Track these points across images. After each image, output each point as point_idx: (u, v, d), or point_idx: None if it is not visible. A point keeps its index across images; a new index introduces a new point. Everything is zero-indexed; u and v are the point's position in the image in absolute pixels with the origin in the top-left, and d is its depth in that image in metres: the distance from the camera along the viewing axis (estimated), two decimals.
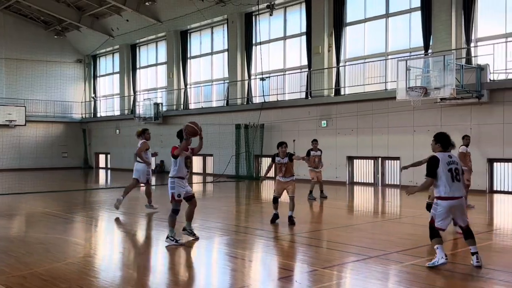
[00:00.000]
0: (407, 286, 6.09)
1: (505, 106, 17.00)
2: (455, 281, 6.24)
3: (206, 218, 11.66)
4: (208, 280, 6.71)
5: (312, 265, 7.10)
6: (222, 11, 26.97)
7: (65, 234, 9.79)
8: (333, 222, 11.45)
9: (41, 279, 6.31)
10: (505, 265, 7.11)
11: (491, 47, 17.51)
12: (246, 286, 6.16)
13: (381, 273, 6.74)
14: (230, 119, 26.26)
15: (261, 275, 6.93)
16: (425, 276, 6.45)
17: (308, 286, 6.08)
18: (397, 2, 20.77)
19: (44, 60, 36.91)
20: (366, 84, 21.20)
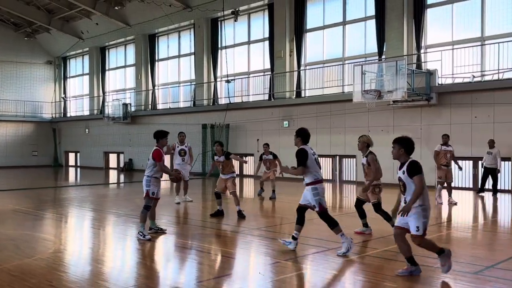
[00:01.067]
0: (363, 276, 6.18)
1: (452, 108, 17.45)
2: None
3: (174, 214, 11.54)
4: (175, 274, 6.64)
5: (274, 258, 7.12)
6: (189, 16, 26.78)
7: (35, 231, 9.52)
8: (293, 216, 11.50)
9: (10, 275, 6.11)
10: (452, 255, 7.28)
11: (439, 53, 17.94)
12: (212, 279, 6.12)
13: (339, 264, 6.81)
14: (196, 119, 26.10)
15: (226, 267, 6.90)
16: (379, 266, 6.55)
17: (271, 278, 6.09)
18: (353, 10, 21.04)
19: (14, 61, 35.93)
20: (325, 87, 21.41)
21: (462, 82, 17.29)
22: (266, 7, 23.79)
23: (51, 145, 37.03)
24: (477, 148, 16.92)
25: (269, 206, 13.33)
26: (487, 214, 12.69)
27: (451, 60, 17.81)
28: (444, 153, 13.17)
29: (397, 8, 18.92)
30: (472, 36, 17.72)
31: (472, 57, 17.37)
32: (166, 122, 28.19)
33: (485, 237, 9.21)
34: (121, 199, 15.47)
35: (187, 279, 6.25)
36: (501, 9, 17.13)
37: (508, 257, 7.10)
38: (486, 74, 17.08)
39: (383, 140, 19.06)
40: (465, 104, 17.10)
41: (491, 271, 6.27)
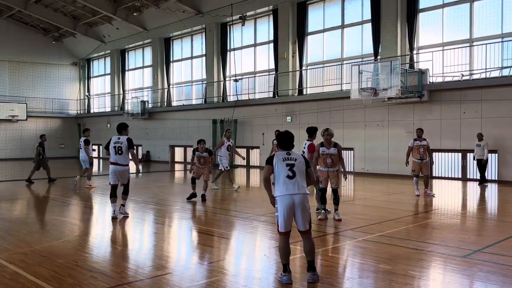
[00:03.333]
0: (360, 258, 6.12)
1: (442, 105, 17.29)
2: (401, 253, 6.29)
3: (187, 201, 11.53)
4: (188, 255, 6.62)
5: (278, 241, 7.06)
6: (201, 21, 26.71)
7: (63, 216, 9.53)
8: None
9: (40, 255, 6.12)
10: (442, 240, 7.22)
11: (431, 54, 17.78)
12: (222, 260, 6.09)
13: (338, 247, 6.76)
14: (207, 115, 26.06)
15: (234, 250, 6.88)
16: (375, 250, 6.50)
17: (275, 259, 6.05)
18: (351, 15, 20.86)
19: (43, 63, 36.11)
20: (325, 85, 21.29)
21: (451, 80, 17.12)
22: (271, 12, 23.65)
23: (76, 138, 37.09)
24: (465, 142, 16.77)
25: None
26: (476, 202, 12.57)
27: (442, 60, 17.66)
28: (418, 147, 12.21)
29: (392, 12, 18.73)
30: (461, 38, 17.53)
31: (461, 57, 17.20)
32: (179, 118, 28.24)
33: (473, 223, 9.12)
34: (139, 187, 15.46)
35: (198, 260, 6.23)
36: (488, 13, 16.92)
37: (494, 242, 7.01)
38: (474, 73, 16.89)
39: (378, 134, 19.03)
40: (455, 101, 16.93)
41: (479, 255, 6.19)
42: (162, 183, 16.94)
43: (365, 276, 5.32)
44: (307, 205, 5.12)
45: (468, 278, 5.30)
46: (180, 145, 28.66)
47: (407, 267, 5.54)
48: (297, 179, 5.08)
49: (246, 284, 5.04)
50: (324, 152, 8.85)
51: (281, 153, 5.24)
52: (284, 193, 5.05)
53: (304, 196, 5.07)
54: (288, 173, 5.08)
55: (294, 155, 5.21)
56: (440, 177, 17.71)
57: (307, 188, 5.18)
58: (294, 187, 5.05)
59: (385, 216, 9.59)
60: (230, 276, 5.34)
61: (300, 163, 5.16)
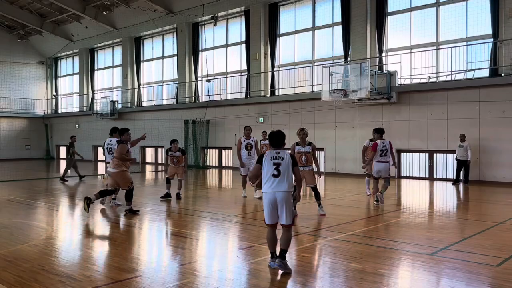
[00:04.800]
0: (331, 257, 6.19)
1: (410, 106, 17.66)
2: (371, 252, 6.39)
3: (158, 203, 11.40)
4: (159, 257, 6.54)
5: (250, 242, 7.08)
6: (172, 21, 26.49)
7: (28, 219, 9.26)
8: None
9: (5, 260, 5.92)
10: (410, 238, 7.37)
11: (399, 56, 18.13)
12: (193, 262, 6.04)
13: (310, 247, 6.81)
14: (179, 115, 25.87)
15: (206, 251, 6.84)
16: (346, 249, 6.57)
17: (247, 260, 6.04)
18: (322, 17, 21.09)
19: (8, 61, 35.07)
20: (296, 86, 21.44)
21: (419, 82, 17.51)
22: (243, 13, 23.67)
23: (43, 139, 36.29)
24: (432, 142, 17.19)
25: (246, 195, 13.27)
26: (443, 201, 12.89)
27: (410, 62, 18.03)
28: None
29: (361, 15, 19.03)
30: (428, 41, 17.95)
31: (428, 60, 17.62)
32: (150, 118, 27.91)
33: (440, 222, 9.34)
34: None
35: (170, 262, 6.16)
36: (453, 17, 17.40)
37: (460, 240, 7.21)
38: (440, 76, 17.33)
39: (348, 135, 19.29)
40: (422, 102, 17.32)
41: (445, 252, 6.35)
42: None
43: (337, 275, 5.38)
44: (291, 202, 5.45)
45: (435, 275, 5.42)
46: (150, 146, 28.32)
47: (377, 266, 5.63)
48: (282, 178, 5.40)
49: (218, 286, 5.01)
50: (300, 151, 9.37)
51: (270, 152, 5.56)
52: (268, 190, 5.43)
53: (286, 194, 5.39)
54: (274, 172, 5.44)
55: (282, 154, 5.51)
56: (407, 176, 18.09)
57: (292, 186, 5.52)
58: (278, 185, 5.39)
59: (355, 215, 9.73)
60: (202, 277, 5.30)
61: (286, 162, 5.45)
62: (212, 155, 25.40)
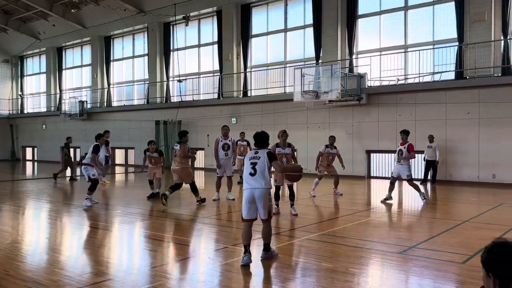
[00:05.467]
0: (303, 257, 6.24)
1: (380, 108, 17.98)
2: (341, 251, 6.47)
3: (128, 205, 11.25)
4: (130, 260, 6.44)
5: (223, 243, 7.07)
6: (143, 20, 26.18)
7: None
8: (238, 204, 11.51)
9: None
10: (380, 237, 7.51)
11: (369, 59, 18.43)
12: (165, 264, 5.99)
13: (281, 248, 6.84)
14: (150, 115, 25.57)
15: (178, 253, 6.78)
16: (317, 249, 6.64)
17: (219, 262, 6.03)
18: (294, 19, 21.24)
19: None
20: (269, 87, 21.51)
21: (388, 84, 17.84)
22: (215, 13, 23.60)
23: (8, 140, 35.19)
24: None
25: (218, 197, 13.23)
26: (412, 201, 13.17)
27: (379, 65, 18.34)
28: (327, 155, 12.44)
29: (332, 18, 19.26)
30: (396, 44, 18.32)
31: (396, 63, 17.95)
32: (120, 119, 27.50)
33: (408, 221, 9.55)
34: (77, 191, 14.89)
35: (141, 265, 6.08)
36: (421, 21, 17.81)
37: (428, 238, 7.39)
38: (409, 78, 17.72)
39: (320, 135, 19.47)
40: (391, 104, 17.66)
41: (414, 250, 6.49)
42: (101, 186, 16.35)
43: (308, 275, 5.43)
44: (267, 198, 5.83)
45: (404, 273, 5.55)
46: (121, 147, 27.87)
47: (347, 265, 5.71)
48: (258, 176, 5.80)
49: None
50: (280, 152, 9.42)
51: (251, 152, 6.08)
52: (247, 187, 5.84)
53: (263, 190, 5.78)
54: (251, 171, 5.86)
55: (260, 154, 5.92)
56: (377, 176, 18.41)
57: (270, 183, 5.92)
58: (255, 183, 5.80)
59: (326, 215, 9.84)
60: (173, 280, 5.26)
61: (262, 161, 5.84)
62: None
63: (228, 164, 11.85)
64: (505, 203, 11.08)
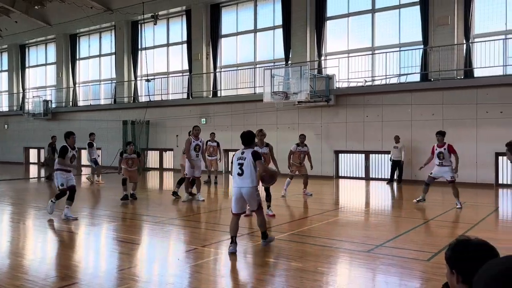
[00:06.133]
0: (273, 258, 6.27)
1: (348, 109, 18.25)
2: (311, 251, 6.54)
3: (95, 207, 11.02)
4: (96, 263, 6.32)
5: (192, 244, 7.02)
6: (110, 18, 25.73)
7: None
8: (212, 206, 11.47)
9: None
10: (348, 236, 7.62)
11: (337, 60, 18.69)
12: (133, 266, 5.90)
13: (251, 248, 6.86)
14: (117, 115, 25.13)
15: (146, 256, 6.70)
16: (287, 248, 6.69)
17: (188, 263, 5.99)
18: (263, 20, 21.32)
19: None
20: (239, 88, 21.51)
21: (356, 86, 18.14)
22: (184, 12, 23.43)
23: None
24: (368, 143, 17.86)
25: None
26: (378, 200, 13.44)
27: (347, 66, 18.64)
28: (299, 153, 12.57)
29: (301, 19, 19.44)
30: (364, 46, 18.65)
31: (364, 64, 18.28)
32: (86, 119, 26.94)
33: (376, 220, 9.74)
34: (41, 193, 14.49)
35: (108, 267, 5.97)
36: (388, 24, 18.17)
37: (394, 236, 7.56)
38: (376, 79, 18.06)
39: (289, 136, 19.60)
40: (359, 105, 17.96)
41: (381, 249, 6.62)
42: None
43: (278, 275, 5.46)
44: (255, 194, 6.45)
45: (371, 272, 5.65)
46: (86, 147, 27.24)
47: (316, 264, 5.78)
48: (245, 176, 6.35)
49: None
50: None
51: (238, 152, 6.55)
52: (235, 186, 6.47)
53: (250, 189, 6.38)
54: (238, 171, 6.41)
55: (246, 154, 6.41)
56: (345, 176, 18.68)
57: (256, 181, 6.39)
58: (242, 182, 6.38)
59: (295, 215, 9.92)
60: (142, 282, 5.19)
61: (248, 161, 6.35)
62: (152, 157, 24.92)
63: (198, 165, 11.78)
64: (467, 202, 11.44)
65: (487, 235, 7.38)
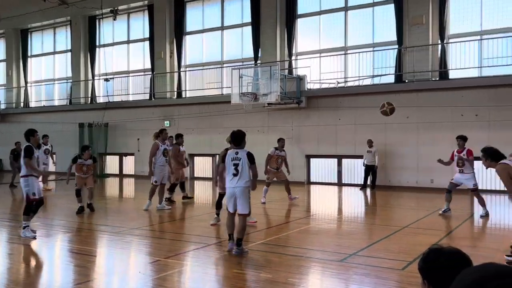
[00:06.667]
0: (239, 268, 6.28)
1: (320, 111, 18.46)
2: (281, 261, 6.58)
3: (49, 216, 10.76)
4: (51, 277, 6.17)
5: (155, 256, 6.95)
6: (65, 13, 25.23)
7: None
8: (175, 215, 11.38)
9: None
10: (320, 245, 7.71)
11: (308, 60, 18.91)
12: (90, 280, 5.79)
13: (218, 258, 6.85)
14: (73, 117, 24.61)
15: (105, 268, 6.59)
16: (256, 259, 6.71)
17: (151, 276, 5.93)
18: (231, 16, 21.34)
19: None
20: (205, 88, 21.44)
21: (328, 87, 18.38)
22: (146, 8, 23.22)
23: None
24: (341, 147, 18.11)
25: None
26: (352, 207, 13.65)
27: (319, 67, 18.87)
28: (277, 157, 12.72)
29: (271, 16, 19.57)
30: (336, 46, 18.92)
31: (336, 65, 18.56)
32: (40, 121, 26.21)
33: (349, 227, 9.88)
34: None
35: (63, 281, 5.85)
36: (361, 23, 18.50)
37: (368, 245, 7.69)
38: (349, 81, 18.36)
39: (258, 140, 19.67)
40: (331, 107, 18.19)
41: (354, 258, 6.73)
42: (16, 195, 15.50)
43: (247, 287, 5.47)
44: (247, 195, 6.99)
45: (344, 282, 5.74)
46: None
47: (287, 275, 5.82)
48: (240, 176, 6.91)
49: None
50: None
51: (231, 152, 7.11)
52: (230, 186, 7.00)
53: (244, 188, 6.93)
54: (234, 172, 6.95)
55: (240, 154, 6.99)
56: (317, 182, 18.84)
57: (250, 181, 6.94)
58: (237, 182, 6.93)
59: (265, 223, 9.96)
60: None
61: (244, 162, 6.92)
62: (111, 162, 24.51)
63: (165, 171, 11.68)
64: (442, 208, 11.75)
65: (463, 243, 7.62)
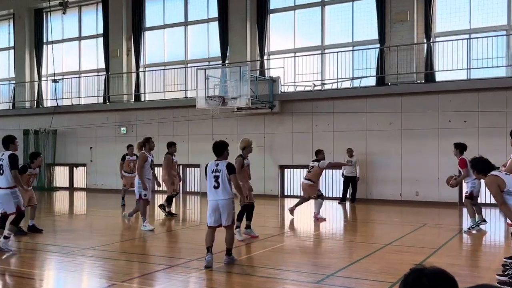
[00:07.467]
0: None
1: (294, 116, 18.56)
2: (252, 283, 6.58)
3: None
4: None
5: (110, 280, 6.85)
6: (8, 5, 24.83)
7: None
8: (128, 233, 11.24)
9: None
10: (295, 265, 7.75)
11: (282, 60, 19.00)
12: None
13: (182, 281, 6.80)
14: (17, 123, 24.08)
15: None
16: (224, 281, 6.70)
17: None
18: (196, 11, 21.32)
19: None
20: (167, 91, 21.33)
21: (303, 90, 18.52)
22: (100, 0, 23.01)
23: None
24: None
25: (111, 222, 12.81)
26: (329, 222, 13.74)
27: (293, 67, 18.99)
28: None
29: (240, 11, 19.62)
30: (313, 45, 19.12)
31: (313, 66, 18.71)
32: None
33: (326, 245, 9.96)
34: None
35: None
36: (339, 19, 18.74)
37: (348, 264, 7.77)
38: (326, 83, 18.56)
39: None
40: (307, 112, 18.33)
41: (332, 279, 6.79)
42: None
43: None
44: (231, 207, 7.48)
45: None
46: None
47: None
48: (221, 188, 7.43)
49: None
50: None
51: (211, 164, 7.70)
52: (211, 199, 7.52)
53: (227, 201, 7.43)
54: (214, 184, 7.48)
55: (220, 166, 7.53)
56: (292, 195, 18.86)
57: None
58: (219, 194, 7.44)
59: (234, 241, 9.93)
60: None
61: (223, 174, 7.43)
62: (60, 173, 24.07)
63: (151, 185, 11.46)
64: (428, 223, 11.98)
65: (450, 261, 7.78)
